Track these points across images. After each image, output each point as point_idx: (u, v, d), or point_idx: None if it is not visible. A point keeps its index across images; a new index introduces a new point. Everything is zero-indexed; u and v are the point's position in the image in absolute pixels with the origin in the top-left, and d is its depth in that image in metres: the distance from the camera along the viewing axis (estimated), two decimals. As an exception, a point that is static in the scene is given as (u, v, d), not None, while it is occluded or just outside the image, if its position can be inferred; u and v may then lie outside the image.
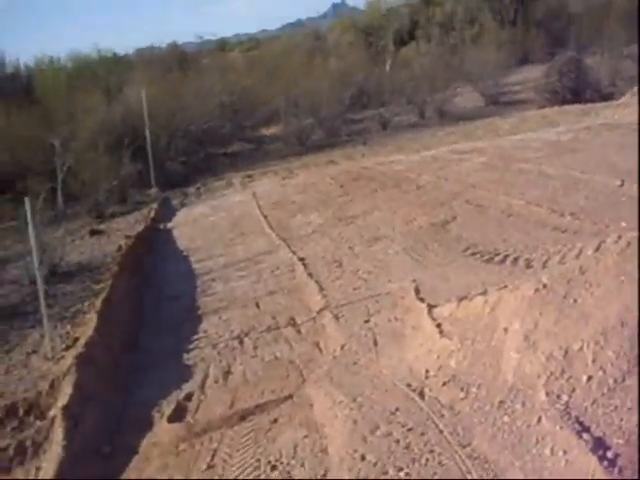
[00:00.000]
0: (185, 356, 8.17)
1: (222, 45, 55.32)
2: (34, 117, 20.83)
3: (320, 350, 7.57)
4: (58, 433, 6.43)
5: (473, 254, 9.23)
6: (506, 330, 5.77)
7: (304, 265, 10.33)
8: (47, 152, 18.59)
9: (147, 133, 19.95)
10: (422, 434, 5.25)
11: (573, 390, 4.93)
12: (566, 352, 5.14)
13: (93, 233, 14.94)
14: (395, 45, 39.90)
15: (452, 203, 11.90)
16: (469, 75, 26.86)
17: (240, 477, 5.60)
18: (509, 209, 10.88)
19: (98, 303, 9.60)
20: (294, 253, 11.03)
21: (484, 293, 6.96)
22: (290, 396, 6.66)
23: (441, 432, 5.22)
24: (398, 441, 5.26)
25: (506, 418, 5.08)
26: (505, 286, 6.98)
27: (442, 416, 5.42)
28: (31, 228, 8.51)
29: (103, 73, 30.83)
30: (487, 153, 15.46)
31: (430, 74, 26.86)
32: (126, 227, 15.30)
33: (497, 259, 8.83)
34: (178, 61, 38.32)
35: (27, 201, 8.43)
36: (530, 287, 5.93)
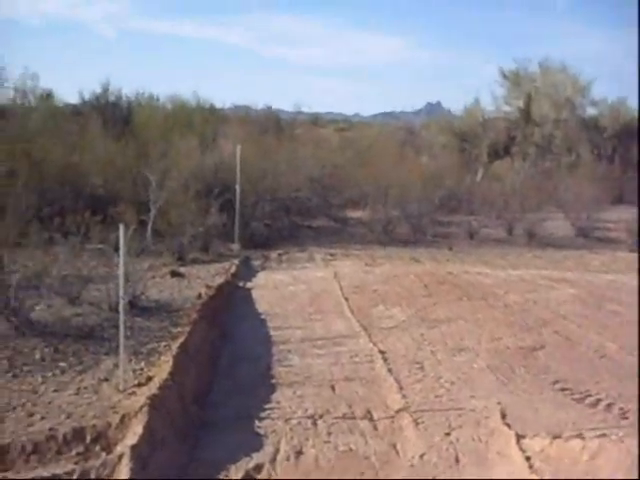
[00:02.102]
0: (256, 423, 7.95)
1: (315, 119, 56.14)
2: (130, 148, 21.23)
3: (397, 453, 7.30)
4: (124, 473, 6.26)
5: (563, 390, 8.92)
6: (608, 483, 5.48)
7: (384, 359, 10.10)
8: (139, 185, 18.87)
9: (237, 188, 20.06)
10: None
11: None
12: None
13: (174, 274, 14.95)
14: (489, 156, 39.96)
15: (541, 330, 11.63)
16: (562, 202, 26.65)
17: None
18: (601, 350, 10.57)
19: (175, 347, 9.50)
20: (374, 344, 10.81)
21: (581, 437, 6.68)
22: (365, 496, 6.41)
23: None
24: None
25: None
26: (604, 434, 6.69)
27: None
28: (122, 256, 8.48)
29: (199, 120, 31.43)
30: (578, 286, 15.17)
31: (522, 193, 26.74)
32: (206, 276, 15.27)
33: (588, 401, 8.51)
34: (273, 126, 39.03)
35: (121, 228, 8.40)
36: (636, 444, 5.65)
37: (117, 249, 8.88)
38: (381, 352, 10.40)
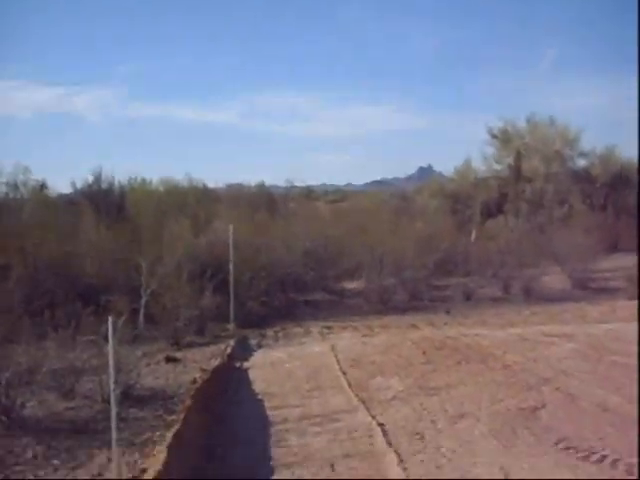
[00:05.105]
0: (253, 510, 7.75)
1: (308, 192, 56.44)
2: (124, 234, 21.29)
3: (399, 530, 7.08)
4: None
5: (566, 449, 8.71)
6: None
7: (383, 432, 9.87)
8: (132, 271, 18.85)
9: (231, 268, 20.04)
10: None
11: None
12: None
13: (169, 360, 14.80)
14: (482, 216, 40.06)
15: (542, 388, 11.43)
16: (557, 256, 26.63)
17: None
18: (604, 404, 10.37)
19: (169, 436, 9.31)
20: (373, 417, 10.59)
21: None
22: None
23: None
24: None
25: None
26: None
27: None
28: (111, 348, 8.40)
29: (192, 202, 31.64)
30: (577, 340, 15.01)
31: (517, 250, 26.77)
32: (202, 359, 15.12)
33: (593, 458, 8.31)
34: (266, 202, 39.26)
35: (110, 320, 8.36)
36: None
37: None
38: (380, 425, 10.17)
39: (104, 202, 30.61)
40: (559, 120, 41.82)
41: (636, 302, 19.29)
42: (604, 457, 8.30)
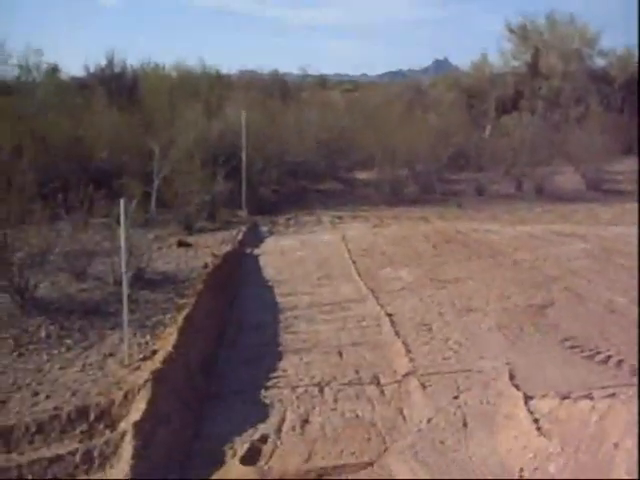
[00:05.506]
0: (262, 393, 7.92)
1: (322, 82, 55.55)
2: (136, 119, 21.09)
3: (404, 418, 7.23)
4: (127, 450, 6.22)
5: (572, 347, 8.80)
6: (617, 446, 5.31)
7: (391, 322, 10.02)
8: (145, 155, 18.77)
9: (243, 155, 19.93)
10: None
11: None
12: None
13: (180, 244, 14.90)
14: (497, 111, 39.45)
15: (550, 287, 11.49)
16: (571, 155, 26.34)
17: None
18: (611, 305, 10.42)
19: (180, 319, 9.45)
20: (382, 307, 10.74)
21: (590, 397, 6.56)
22: (371, 463, 6.35)
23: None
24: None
25: None
26: (614, 394, 6.57)
27: (539, 524, 5.04)
28: (123, 230, 8.41)
29: (205, 88, 31.17)
30: (588, 240, 15.01)
31: (531, 147, 26.44)
32: (213, 244, 15.21)
33: (598, 358, 8.39)
34: (279, 90, 38.67)
35: (122, 202, 8.33)
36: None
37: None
38: (388, 315, 10.32)
39: (117, 86, 30.24)
40: (579, 19, 40.73)
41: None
42: (609, 357, 8.37)
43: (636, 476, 4.94)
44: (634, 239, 15.02)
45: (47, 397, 7.40)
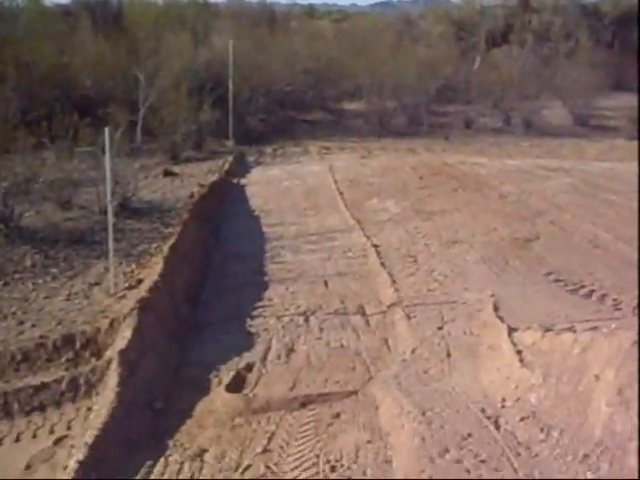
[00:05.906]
0: (248, 322, 7.98)
1: (310, 11, 54.74)
2: (121, 47, 20.68)
3: (389, 348, 7.33)
4: (113, 377, 6.28)
5: (556, 281, 8.84)
6: (597, 378, 5.38)
7: (377, 253, 10.06)
8: (130, 84, 18.52)
9: (230, 84, 19.67)
10: (495, 470, 4.97)
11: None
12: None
13: (167, 174, 14.82)
14: (486, 44, 39.04)
15: (536, 221, 11.49)
16: (559, 90, 26.16)
17: (296, 471, 5.36)
18: (596, 240, 10.44)
19: (165, 248, 9.44)
20: (368, 238, 10.76)
21: (572, 330, 6.62)
22: (355, 392, 6.44)
23: (516, 471, 4.93)
24: (469, 471, 4.97)
25: (590, 475, 4.73)
26: (596, 327, 6.63)
27: (518, 454, 5.13)
28: (108, 159, 8.37)
29: (191, 16, 30.66)
30: (574, 175, 14.98)
31: (520, 81, 26.25)
32: (199, 174, 15.13)
33: (582, 292, 8.43)
34: (267, 18, 38.06)
35: (107, 131, 8.25)
36: (628, 338, 5.53)
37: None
38: (374, 246, 10.35)
39: (102, 13, 29.62)
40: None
41: (636, 142, 19.10)
42: (592, 292, 8.40)
43: (617, 407, 5.01)
44: (620, 175, 15.07)
45: (33, 326, 7.44)
